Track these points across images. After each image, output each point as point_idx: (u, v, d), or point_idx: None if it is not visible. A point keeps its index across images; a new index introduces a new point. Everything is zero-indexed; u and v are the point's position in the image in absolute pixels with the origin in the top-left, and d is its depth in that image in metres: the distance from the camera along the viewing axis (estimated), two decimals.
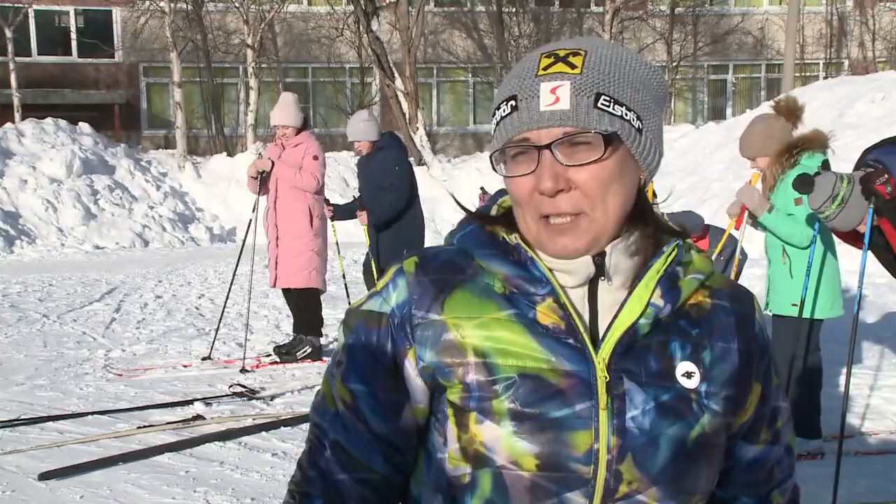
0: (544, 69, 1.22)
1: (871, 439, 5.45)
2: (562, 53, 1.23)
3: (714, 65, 28.42)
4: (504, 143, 1.25)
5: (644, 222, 1.29)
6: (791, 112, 5.00)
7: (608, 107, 1.21)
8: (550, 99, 1.20)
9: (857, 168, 4.42)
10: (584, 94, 1.20)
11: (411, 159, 8.09)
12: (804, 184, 4.34)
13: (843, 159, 5.76)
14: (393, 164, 7.18)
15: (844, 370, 6.77)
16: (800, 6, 24.31)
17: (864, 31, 28.14)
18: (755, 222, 5.10)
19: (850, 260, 10.76)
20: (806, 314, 4.96)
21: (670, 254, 1.29)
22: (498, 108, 1.26)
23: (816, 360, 5.16)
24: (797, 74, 24.56)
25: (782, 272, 5.04)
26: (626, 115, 1.22)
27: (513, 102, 1.23)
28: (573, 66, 1.21)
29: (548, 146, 1.20)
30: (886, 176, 4.12)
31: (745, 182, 4.95)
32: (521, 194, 1.24)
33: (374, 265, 7.44)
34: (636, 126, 1.23)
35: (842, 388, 6.37)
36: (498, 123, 1.26)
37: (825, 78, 24.30)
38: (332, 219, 7.58)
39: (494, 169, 1.27)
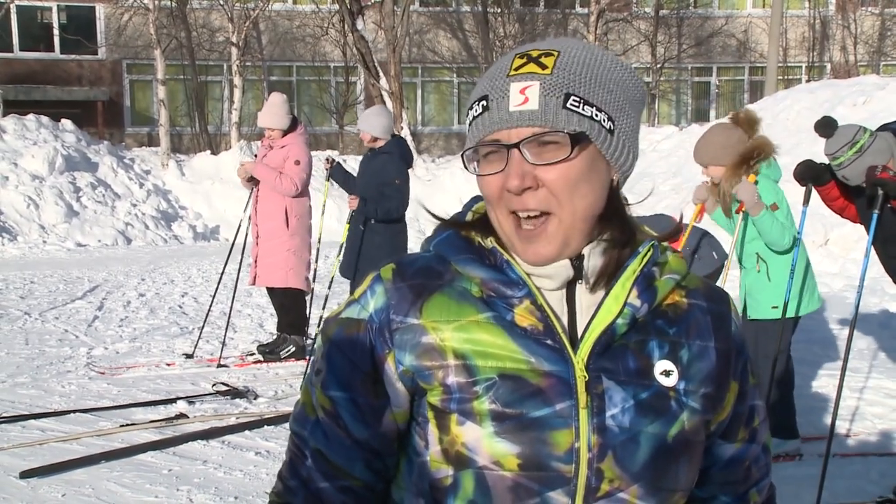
0: (516, 69, 1.24)
1: (851, 440, 5.50)
2: (535, 54, 1.25)
3: (698, 67, 28.54)
4: (476, 143, 1.26)
5: (617, 223, 1.30)
6: (750, 124, 4.99)
7: (577, 107, 1.22)
8: (520, 99, 1.22)
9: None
10: (553, 94, 1.21)
11: None
12: (826, 125, 4.41)
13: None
14: (393, 176, 6.96)
15: (820, 371, 6.84)
16: (783, 9, 24.45)
17: (846, 35, 28.33)
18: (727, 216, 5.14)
19: (833, 262, 10.84)
20: (790, 313, 5.00)
21: (646, 254, 1.30)
22: (471, 108, 1.28)
23: (787, 360, 5.21)
24: (780, 77, 24.70)
25: (759, 278, 5.07)
26: (597, 115, 1.23)
27: (484, 102, 1.25)
28: (544, 67, 1.23)
29: (516, 145, 1.22)
30: (881, 165, 4.25)
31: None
32: (492, 192, 1.26)
33: (340, 256, 7.27)
34: (607, 127, 1.24)
35: (819, 390, 6.43)
36: (471, 123, 1.28)
37: (808, 81, 24.44)
38: (329, 174, 7.37)
39: (466, 168, 1.28)
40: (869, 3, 28.50)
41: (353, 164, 14.05)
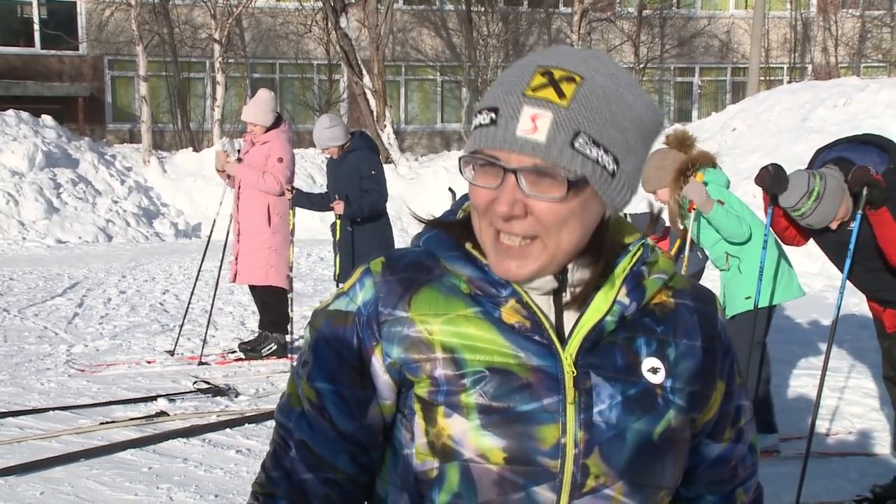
0: (533, 90, 1.20)
1: (829, 440, 5.53)
2: (557, 75, 1.20)
3: (680, 67, 28.63)
4: (475, 151, 1.24)
5: (601, 252, 1.28)
6: (681, 143, 5.14)
7: (584, 148, 1.18)
8: (529, 126, 1.18)
9: (815, 166, 4.50)
10: (564, 129, 1.18)
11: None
12: (777, 181, 4.39)
13: (806, 163, 5.83)
14: (368, 168, 7.10)
15: (799, 371, 6.88)
16: (765, 11, 24.57)
17: (828, 37, 28.50)
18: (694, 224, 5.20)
19: (812, 262, 10.91)
20: (763, 303, 5.06)
21: (636, 253, 1.31)
22: (480, 113, 1.24)
23: (763, 353, 5.25)
24: (762, 78, 24.82)
25: (732, 274, 5.14)
26: (602, 158, 1.20)
27: (493, 115, 1.21)
28: (562, 95, 1.19)
29: (514, 171, 1.20)
30: (873, 169, 4.20)
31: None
32: (480, 203, 1.25)
33: (337, 262, 7.39)
34: (610, 170, 1.21)
35: (799, 389, 6.47)
36: (475, 129, 1.24)
37: (789, 82, 24.58)
38: (291, 201, 7.36)
39: (461, 171, 1.27)
40: (849, 5, 28.67)
41: None
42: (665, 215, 5.39)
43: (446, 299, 1.29)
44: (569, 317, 1.29)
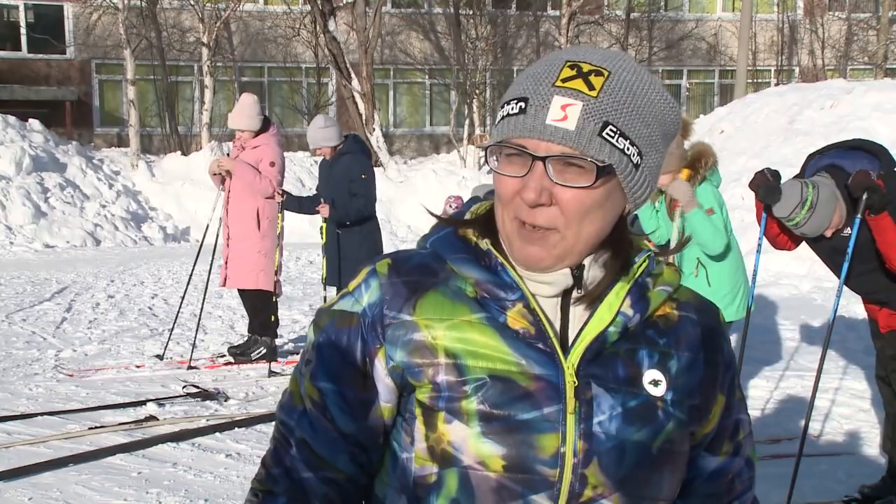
0: (563, 81, 1.22)
1: (818, 440, 5.55)
2: (585, 69, 1.23)
3: (669, 70, 28.72)
4: (502, 140, 1.25)
5: (619, 246, 1.30)
6: (684, 128, 5.10)
7: (612, 138, 1.20)
8: (559, 115, 1.20)
9: (806, 174, 4.51)
10: (593, 119, 1.20)
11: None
12: (770, 192, 4.39)
13: (794, 165, 5.85)
14: (359, 173, 7.11)
15: (788, 373, 6.90)
16: (752, 13, 24.68)
17: (814, 40, 28.65)
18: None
19: (800, 265, 10.95)
20: (736, 316, 5.01)
21: (641, 264, 1.31)
22: (507, 104, 1.26)
23: None
24: (749, 80, 24.93)
25: (697, 284, 5.09)
26: (628, 149, 1.22)
27: (522, 104, 1.23)
28: (591, 87, 1.21)
29: (543, 159, 1.21)
30: (873, 173, 4.19)
31: (676, 177, 4.98)
32: (505, 193, 1.25)
33: (324, 264, 7.39)
34: (634, 161, 1.23)
35: (787, 391, 6.49)
36: (503, 119, 1.26)
37: (776, 84, 24.69)
38: (282, 204, 7.35)
39: (487, 160, 1.28)
40: (836, 8, 28.83)
41: None
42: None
43: (451, 304, 1.29)
44: (573, 326, 1.29)
